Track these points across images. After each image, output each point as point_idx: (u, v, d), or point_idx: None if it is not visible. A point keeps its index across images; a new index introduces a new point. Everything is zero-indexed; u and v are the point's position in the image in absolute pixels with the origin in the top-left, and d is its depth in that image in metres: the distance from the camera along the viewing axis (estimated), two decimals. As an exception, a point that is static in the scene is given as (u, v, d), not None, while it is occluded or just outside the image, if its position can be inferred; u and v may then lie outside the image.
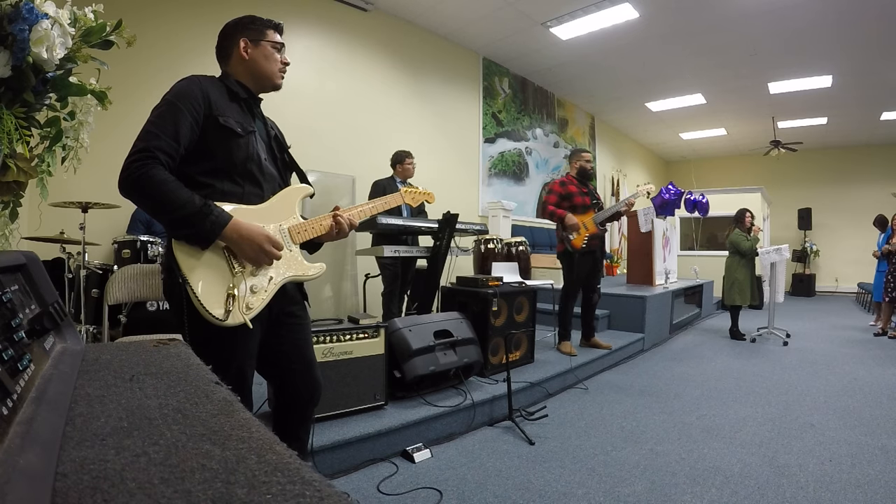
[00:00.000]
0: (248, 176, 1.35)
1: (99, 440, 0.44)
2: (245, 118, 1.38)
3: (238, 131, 1.33)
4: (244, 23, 1.41)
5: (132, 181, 1.16)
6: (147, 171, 1.15)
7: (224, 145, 1.31)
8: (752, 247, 5.12)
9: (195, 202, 1.18)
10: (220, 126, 1.30)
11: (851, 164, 10.94)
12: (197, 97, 1.28)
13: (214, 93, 1.33)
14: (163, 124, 1.22)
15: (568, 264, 3.71)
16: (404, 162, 4.10)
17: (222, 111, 1.32)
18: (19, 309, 0.60)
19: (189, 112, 1.25)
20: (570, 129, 8.90)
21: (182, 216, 1.17)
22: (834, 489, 1.91)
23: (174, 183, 1.18)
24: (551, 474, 2.04)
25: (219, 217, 1.20)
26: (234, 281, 1.24)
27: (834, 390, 3.29)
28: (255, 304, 1.27)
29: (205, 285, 1.20)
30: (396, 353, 2.47)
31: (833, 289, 10.95)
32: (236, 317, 1.22)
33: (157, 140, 1.19)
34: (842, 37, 5.79)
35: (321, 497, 0.36)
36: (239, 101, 1.40)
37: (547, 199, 3.72)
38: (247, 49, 1.40)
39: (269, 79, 1.43)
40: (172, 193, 1.16)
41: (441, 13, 5.63)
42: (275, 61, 1.43)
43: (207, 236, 1.20)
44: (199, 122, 1.28)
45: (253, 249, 1.24)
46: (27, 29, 0.90)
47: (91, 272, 2.70)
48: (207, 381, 0.69)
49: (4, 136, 0.91)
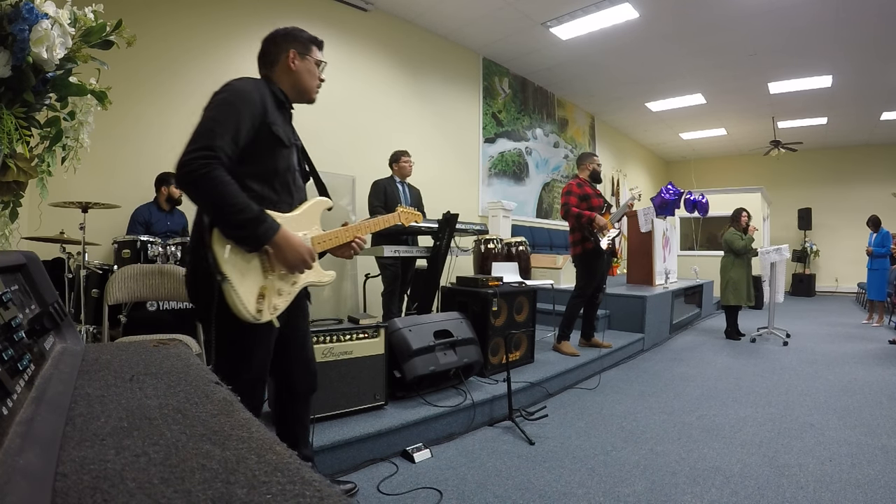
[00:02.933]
0: (285, 185, 1.42)
1: (99, 440, 0.44)
2: (288, 129, 1.45)
3: (284, 142, 1.40)
4: (294, 34, 1.47)
5: (194, 179, 1.19)
6: (210, 171, 1.19)
7: (271, 153, 1.37)
8: (747, 246, 5.10)
9: (253, 208, 1.24)
10: (271, 134, 1.35)
11: (851, 164, 10.95)
12: (257, 102, 1.32)
13: (268, 99, 1.38)
14: (225, 123, 1.25)
15: (588, 266, 3.68)
16: (400, 160, 4.14)
17: (274, 119, 1.37)
18: (19, 309, 0.60)
19: (249, 116, 1.29)
20: (570, 129, 8.90)
21: (239, 220, 1.22)
22: (834, 489, 1.91)
23: (234, 186, 1.23)
24: (551, 474, 2.04)
25: (272, 224, 1.27)
26: (265, 282, 1.32)
27: (834, 390, 3.29)
28: (281, 305, 1.36)
29: (243, 284, 1.27)
30: (396, 353, 2.47)
31: (833, 289, 10.95)
32: (266, 315, 1.31)
33: (220, 140, 1.22)
34: (842, 37, 5.79)
35: (321, 497, 0.36)
36: (284, 109, 1.46)
37: (568, 201, 3.64)
38: (294, 60, 1.45)
39: (308, 93, 1.50)
40: (233, 197, 1.21)
41: (441, 13, 5.63)
42: (315, 77, 1.50)
43: (260, 240, 1.26)
44: (256, 127, 1.32)
45: (295, 258, 1.32)
46: (27, 29, 0.90)
47: (91, 272, 2.70)
48: (207, 381, 0.69)
49: (4, 136, 0.91)
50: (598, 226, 3.54)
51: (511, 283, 3.32)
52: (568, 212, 3.62)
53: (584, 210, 3.60)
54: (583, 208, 3.62)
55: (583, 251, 3.67)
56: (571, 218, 3.62)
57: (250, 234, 1.24)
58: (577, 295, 3.75)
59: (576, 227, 3.66)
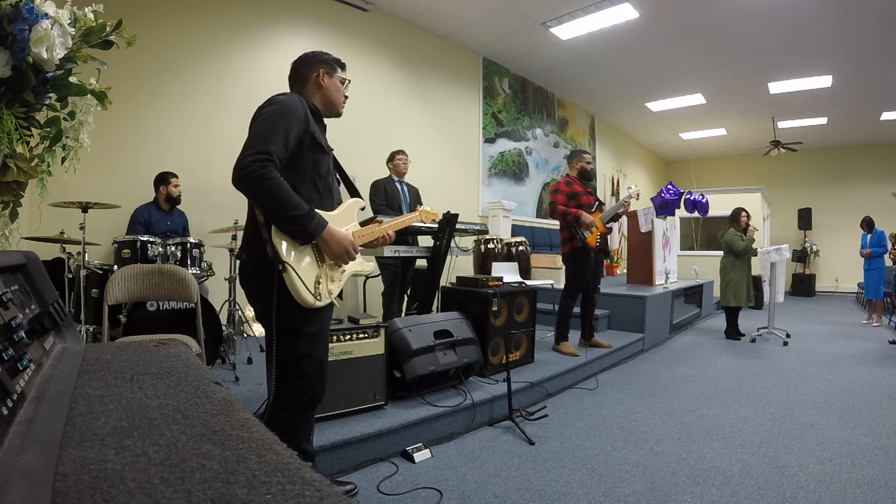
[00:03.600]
0: (326, 187, 1.60)
1: (99, 440, 0.44)
2: (324, 137, 1.61)
3: (325, 148, 1.57)
4: (321, 56, 1.66)
5: (252, 179, 1.34)
6: (267, 171, 1.34)
7: (314, 158, 1.53)
8: (747, 247, 5.09)
9: (304, 206, 1.40)
10: (314, 141, 1.52)
11: (851, 164, 10.95)
12: (301, 113, 1.49)
13: (308, 112, 1.54)
14: (277, 131, 1.41)
15: (574, 265, 3.68)
16: (395, 159, 4.18)
17: (315, 129, 1.54)
18: (19, 309, 0.60)
19: (296, 125, 1.46)
20: (570, 129, 8.90)
21: (292, 216, 1.38)
22: (834, 489, 1.91)
23: (287, 186, 1.38)
24: (551, 474, 2.04)
25: (321, 220, 1.44)
26: (320, 271, 1.51)
27: (834, 390, 3.29)
28: (335, 290, 1.58)
29: (303, 272, 1.44)
30: (396, 353, 2.47)
31: (833, 289, 10.95)
32: (325, 299, 1.51)
33: (273, 145, 1.38)
34: (842, 37, 5.79)
35: (321, 497, 0.36)
36: (319, 121, 1.63)
37: (555, 199, 3.65)
38: (323, 78, 1.63)
39: (335, 107, 1.68)
40: (287, 195, 1.36)
41: (441, 13, 5.63)
42: (341, 93, 1.69)
43: (311, 234, 1.42)
44: (300, 135, 1.48)
45: (341, 250, 1.49)
46: (27, 29, 0.90)
47: (91, 272, 2.70)
48: (207, 381, 0.69)
49: (4, 136, 0.91)
50: (584, 223, 3.53)
51: (511, 283, 3.32)
52: (554, 210, 3.63)
53: (571, 208, 3.60)
54: (571, 206, 3.62)
55: (571, 250, 3.66)
56: (558, 216, 3.63)
57: (303, 228, 1.40)
58: (567, 294, 3.74)
59: (564, 225, 3.67)
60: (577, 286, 3.71)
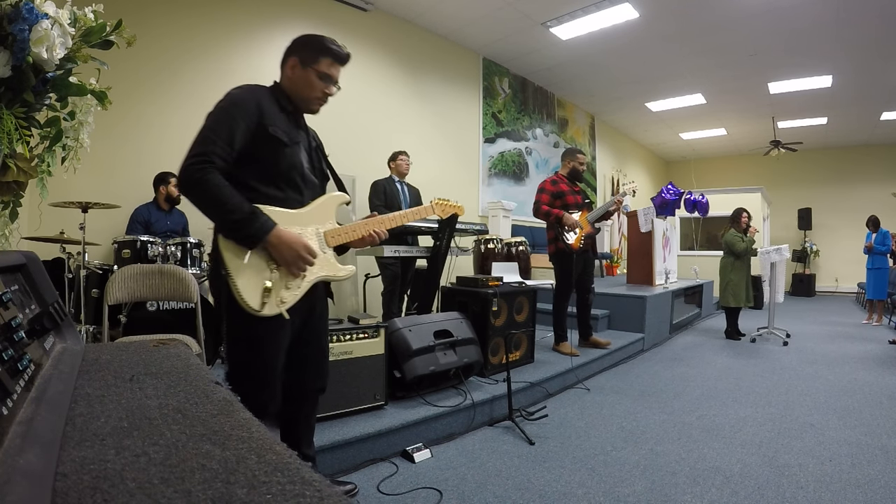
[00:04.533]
0: (290, 183, 1.46)
1: (99, 440, 0.44)
2: (291, 129, 1.48)
3: (285, 141, 1.43)
4: (303, 42, 1.49)
5: (191, 183, 1.28)
6: (203, 175, 1.27)
7: (271, 153, 1.41)
8: (748, 248, 5.09)
9: (245, 208, 1.30)
10: (268, 135, 1.39)
11: (851, 164, 10.94)
12: (251, 106, 1.38)
13: (266, 103, 1.42)
14: (219, 130, 1.33)
15: (561, 265, 3.66)
16: (397, 159, 4.18)
17: (272, 121, 1.41)
18: (19, 309, 0.60)
19: (243, 119, 1.35)
20: (570, 129, 8.90)
21: (231, 220, 1.29)
22: (834, 489, 1.91)
23: (227, 188, 1.29)
24: (551, 474, 2.04)
25: (264, 223, 1.32)
26: (271, 276, 1.37)
27: (834, 390, 3.29)
28: (289, 299, 1.39)
29: (245, 279, 1.33)
30: (396, 353, 2.47)
31: (833, 289, 10.94)
32: (272, 308, 1.36)
33: (213, 145, 1.30)
34: (842, 37, 5.79)
35: (321, 497, 0.36)
36: (287, 112, 1.49)
37: (539, 199, 3.64)
38: (294, 69, 1.48)
39: (305, 103, 1.52)
40: (225, 198, 1.28)
41: (441, 13, 5.62)
42: (313, 89, 1.49)
43: (253, 239, 1.32)
44: (252, 129, 1.37)
45: (291, 255, 1.36)
46: (27, 29, 0.90)
47: (91, 272, 2.70)
48: (207, 381, 0.69)
49: (4, 136, 0.91)
50: (566, 224, 3.52)
51: (511, 283, 3.32)
52: (538, 209, 3.63)
53: (556, 208, 3.57)
54: (556, 206, 3.59)
55: (556, 250, 3.64)
56: (541, 216, 3.62)
57: (243, 233, 1.30)
58: (558, 294, 3.71)
59: (549, 225, 3.65)
60: (566, 286, 3.67)
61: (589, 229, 3.64)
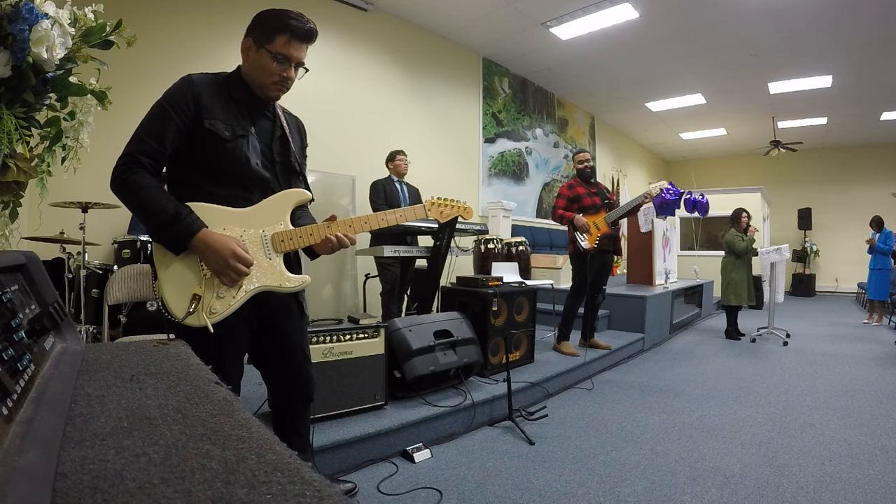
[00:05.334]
0: (233, 179, 1.31)
1: (99, 440, 0.44)
2: (239, 121, 1.33)
3: (225, 136, 1.29)
4: (258, 19, 1.32)
5: (117, 185, 1.24)
6: (129, 176, 1.21)
7: (209, 149, 1.28)
8: (748, 247, 5.10)
9: (168, 211, 1.20)
10: (205, 130, 1.27)
11: (851, 164, 10.95)
12: (186, 100, 1.27)
13: (208, 94, 1.30)
14: (150, 128, 1.26)
15: (579, 265, 3.69)
16: (395, 159, 4.17)
17: (211, 114, 1.28)
18: (19, 309, 0.60)
19: (177, 115, 1.26)
20: (570, 129, 8.90)
21: (153, 224, 1.21)
22: (834, 489, 1.91)
23: (153, 189, 1.21)
24: (551, 474, 2.04)
25: (188, 227, 1.21)
26: (201, 284, 1.24)
27: (834, 390, 3.29)
28: (219, 309, 1.24)
29: (172, 286, 1.24)
30: (396, 353, 2.47)
31: (833, 289, 10.94)
32: (200, 319, 1.22)
33: (142, 144, 1.24)
34: (842, 37, 5.79)
35: (321, 497, 0.36)
36: (238, 102, 1.35)
37: (555, 204, 3.73)
38: (248, 51, 1.34)
39: (260, 90, 1.35)
40: (149, 200, 1.20)
41: (441, 13, 5.63)
42: (268, 73, 1.31)
43: (177, 244, 1.22)
44: (188, 124, 1.27)
45: (218, 263, 1.22)
46: (27, 29, 0.90)
47: (91, 272, 2.70)
48: (207, 381, 0.69)
49: (4, 136, 0.91)
50: (577, 226, 3.56)
51: (511, 283, 3.32)
52: (553, 214, 3.75)
53: (574, 210, 3.64)
54: (574, 209, 3.66)
55: (573, 250, 3.70)
56: (556, 219, 3.72)
57: (168, 237, 1.22)
58: (572, 294, 3.78)
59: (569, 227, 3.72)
60: (580, 286, 3.72)
61: (606, 229, 3.64)
